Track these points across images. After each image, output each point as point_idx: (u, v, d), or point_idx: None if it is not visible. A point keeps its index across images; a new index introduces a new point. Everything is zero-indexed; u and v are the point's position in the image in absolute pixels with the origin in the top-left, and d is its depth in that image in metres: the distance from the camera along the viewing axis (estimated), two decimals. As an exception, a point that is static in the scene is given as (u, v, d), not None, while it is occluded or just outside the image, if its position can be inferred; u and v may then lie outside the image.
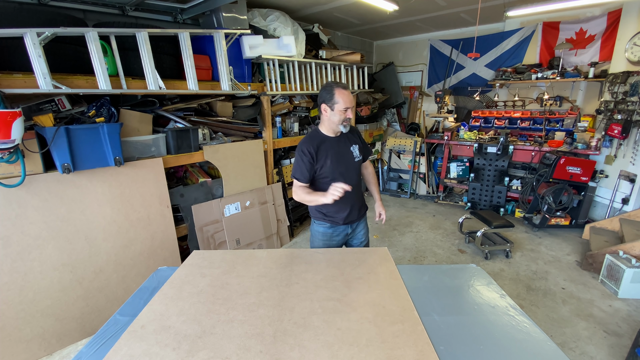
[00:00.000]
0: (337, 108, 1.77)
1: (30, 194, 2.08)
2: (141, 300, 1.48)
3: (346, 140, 1.93)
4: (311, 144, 1.84)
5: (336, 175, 1.88)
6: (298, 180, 1.87)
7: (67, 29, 1.96)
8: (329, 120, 1.83)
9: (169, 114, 2.85)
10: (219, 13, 3.00)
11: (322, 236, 2.03)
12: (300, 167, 1.85)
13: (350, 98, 1.78)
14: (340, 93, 1.75)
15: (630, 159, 3.70)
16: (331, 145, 1.88)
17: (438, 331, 1.25)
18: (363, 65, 4.49)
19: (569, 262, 3.35)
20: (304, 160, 1.83)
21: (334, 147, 1.88)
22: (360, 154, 1.98)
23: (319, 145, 1.85)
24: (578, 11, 4.32)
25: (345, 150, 1.92)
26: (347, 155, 1.93)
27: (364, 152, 2.03)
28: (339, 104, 1.76)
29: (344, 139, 1.93)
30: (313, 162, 1.84)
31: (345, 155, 1.92)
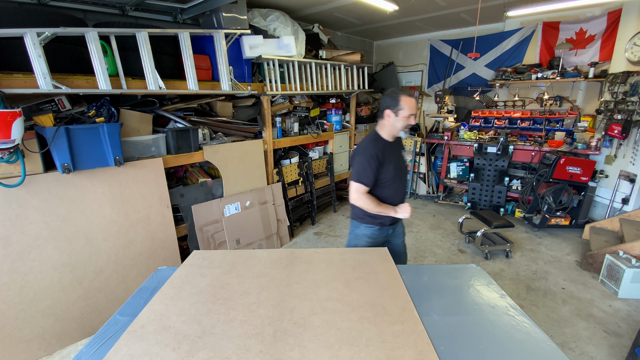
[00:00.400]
0: (402, 114, 1.80)
1: (30, 194, 2.08)
2: (141, 300, 1.48)
3: (398, 146, 1.99)
4: (378, 149, 1.85)
5: (395, 180, 1.93)
6: (365, 185, 1.86)
7: (67, 29, 1.96)
8: (392, 125, 1.85)
9: (169, 114, 2.85)
10: (219, 13, 3.00)
11: (369, 238, 2.04)
12: (367, 171, 1.84)
13: (415, 105, 1.83)
14: (406, 100, 1.78)
15: (630, 159, 3.70)
16: (392, 150, 1.92)
17: (438, 331, 1.25)
18: (363, 65, 4.50)
19: (569, 262, 3.35)
20: (372, 165, 1.83)
21: (395, 152, 1.94)
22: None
23: (383, 150, 1.87)
24: (578, 11, 4.32)
25: (400, 155, 2.00)
26: (402, 160, 2.00)
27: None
28: (404, 110, 1.79)
29: (397, 144, 1.98)
30: (380, 167, 1.85)
31: (400, 160, 1.99)
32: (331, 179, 4.63)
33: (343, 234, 4.02)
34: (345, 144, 4.96)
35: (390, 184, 1.92)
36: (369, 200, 1.88)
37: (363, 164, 1.84)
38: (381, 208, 1.89)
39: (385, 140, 1.91)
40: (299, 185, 4.12)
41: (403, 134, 1.90)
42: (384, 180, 1.89)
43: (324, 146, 4.76)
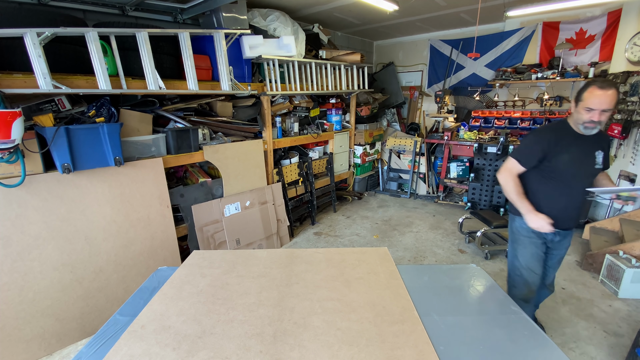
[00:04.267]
0: (581, 105, 1.63)
1: (30, 194, 2.08)
2: (141, 300, 1.48)
3: (594, 143, 1.72)
4: (554, 134, 1.73)
5: (567, 176, 1.73)
6: (519, 162, 1.75)
7: (67, 29, 1.96)
8: (575, 116, 1.69)
9: (169, 114, 2.85)
10: (219, 13, 3.00)
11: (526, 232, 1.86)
12: (529, 151, 1.75)
13: (602, 100, 1.55)
14: (591, 92, 1.58)
15: (630, 159, 3.70)
16: (575, 141, 1.71)
17: (438, 331, 1.25)
18: (363, 65, 4.49)
19: (569, 262, 3.35)
20: (538, 147, 1.73)
21: (578, 145, 1.71)
22: (603, 163, 1.77)
23: (562, 136, 1.72)
24: (578, 11, 4.32)
25: (589, 152, 1.73)
26: (589, 159, 1.73)
27: (605, 162, 1.80)
28: (584, 102, 1.61)
29: (592, 140, 1.71)
30: (546, 152, 1.72)
31: (586, 157, 1.73)
32: (331, 179, 4.63)
33: (343, 234, 4.02)
34: (345, 144, 4.97)
35: (559, 177, 1.73)
36: (510, 181, 1.76)
37: (529, 141, 1.77)
38: (517, 197, 1.72)
39: (572, 129, 1.72)
40: (299, 185, 4.12)
41: (582, 129, 1.66)
42: (551, 169, 1.72)
43: (324, 146, 4.76)
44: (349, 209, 4.88)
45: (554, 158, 1.72)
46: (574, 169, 1.73)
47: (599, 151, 1.74)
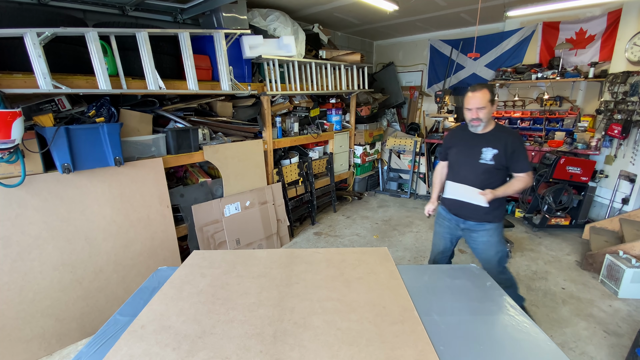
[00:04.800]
0: (464, 108, 1.96)
1: (30, 194, 2.08)
2: (141, 300, 1.48)
3: (485, 141, 1.98)
4: (453, 132, 2.22)
5: (455, 166, 2.13)
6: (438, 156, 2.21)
7: (67, 29, 1.96)
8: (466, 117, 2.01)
9: (169, 114, 2.85)
10: (219, 13, 3.00)
11: (438, 215, 2.32)
12: (441, 147, 2.30)
13: (474, 100, 1.89)
14: (467, 95, 1.93)
15: (630, 159, 3.70)
16: (464, 138, 2.06)
17: (438, 331, 1.25)
18: (363, 65, 4.50)
19: (569, 262, 3.35)
20: (444, 143, 2.26)
21: (467, 141, 2.04)
22: (495, 160, 1.94)
23: (457, 134, 2.15)
24: (578, 11, 4.32)
25: (475, 147, 1.99)
26: (475, 153, 1.99)
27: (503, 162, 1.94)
28: (465, 104, 1.96)
29: (484, 139, 1.98)
30: (447, 147, 2.20)
31: (471, 152, 2.00)
32: (331, 179, 4.63)
33: (343, 234, 4.02)
34: (345, 144, 4.96)
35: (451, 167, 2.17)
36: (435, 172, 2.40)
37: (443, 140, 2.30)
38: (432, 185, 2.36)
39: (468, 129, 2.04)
40: (299, 185, 4.12)
41: (470, 127, 2.00)
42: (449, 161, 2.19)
43: (324, 146, 4.76)
44: (349, 209, 4.88)
45: (449, 151, 2.16)
46: (460, 160, 2.09)
47: (488, 148, 1.97)
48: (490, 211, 1.98)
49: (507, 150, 1.92)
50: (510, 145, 1.92)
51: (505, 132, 1.98)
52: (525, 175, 1.95)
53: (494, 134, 1.97)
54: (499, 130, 1.99)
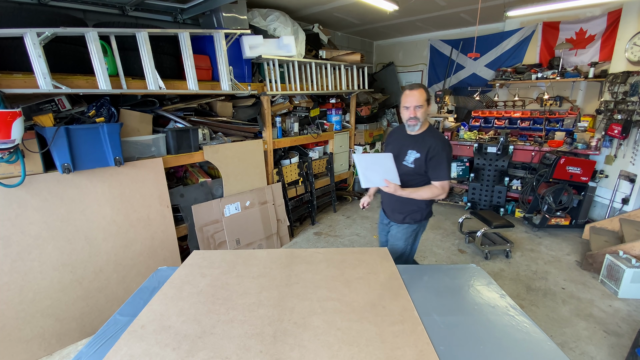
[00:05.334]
0: (401, 107, 1.94)
1: (30, 194, 2.08)
2: (141, 300, 1.48)
3: (412, 143, 1.96)
4: (393, 131, 2.21)
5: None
6: None
7: (67, 29, 1.96)
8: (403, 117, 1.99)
9: (169, 114, 2.85)
10: (219, 13, 3.00)
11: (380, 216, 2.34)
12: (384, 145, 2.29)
13: (412, 98, 1.86)
14: (404, 94, 1.91)
15: (630, 159, 3.70)
16: (398, 139, 2.07)
17: (438, 331, 1.25)
18: (363, 65, 4.49)
19: (569, 262, 3.35)
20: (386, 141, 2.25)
21: (399, 142, 2.05)
22: (415, 164, 1.93)
23: (395, 133, 2.15)
24: (578, 11, 4.32)
25: (404, 149, 1.99)
26: (402, 155, 1.99)
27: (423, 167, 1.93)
28: (401, 103, 1.94)
29: (413, 140, 1.97)
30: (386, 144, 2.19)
31: (400, 153, 2.00)
32: (331, 179, 4.63)
33: (343, 234, 4.02)
34: (345, 144, 4.96)
35: None
36: None
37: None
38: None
39: (404, 129, 2.04)
40: (299, 185, 4.12)
41: (407, 127, 1.97)
42: None
43: (324, 146, 4.76)
44: (349, 209, 4.88)
45: (386, 149, 2.10)
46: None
47: (413, 151, 1.95)
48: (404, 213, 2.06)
49: (429, 155, 1.89)
50: (432, 151, 1.89)
51: (433, 136, 1.94)
52: (438, 185, 1.91)
53: (423, 137, 1.95)
54: (429, 134, 1.95)
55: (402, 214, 2.08)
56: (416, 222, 2.07)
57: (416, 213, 2.05)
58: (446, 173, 1.90)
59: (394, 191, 1.86)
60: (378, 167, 1.89)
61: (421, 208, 2.04)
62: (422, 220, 2.08)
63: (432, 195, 1.92)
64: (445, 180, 1.90)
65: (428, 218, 2.12)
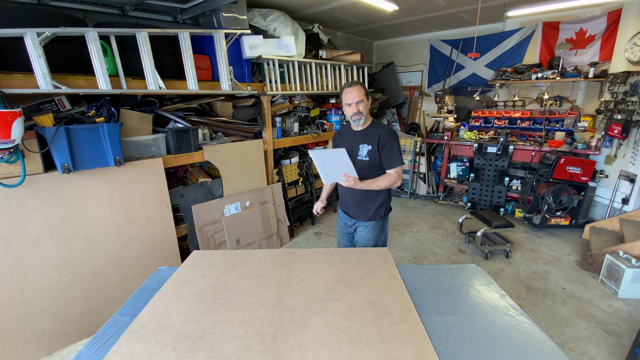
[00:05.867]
0: (344, 104, 1.98)
1: (30, 194, 2.08)
2: (141, 300, 1.48)
3: (362, 137, 2.01)
4: (340, 130, 2.25)
5: None
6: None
7: (67, 29, 1.96)
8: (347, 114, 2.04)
9: (169, 114, 2.85)
10: (219, 13, 3.00)
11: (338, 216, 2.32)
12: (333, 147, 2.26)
13: (352, 94, 1.91)
14: (344, 91, 1.96)
15: (630, 159, 3.70)
16: (347, 136, 2.08)
17: (438, 331, 1.25)
18: (363, 65, 4.50)
19: (569, 262, 3.35)
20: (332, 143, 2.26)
21: (348, 139, 2.07)
22: (369, 156, 1.97)
23: (343, 132, 2.17)
24: (578, 11, 4.32)
25: (355, 145, 2.02)
26: (354, 151, 2.02)
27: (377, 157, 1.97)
28: (343, 101, 1.98)
29: (361, 135, 2.01)
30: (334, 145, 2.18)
31: (352, 150, 2.02)
32: (331, 179, 4.62)
33: (343, 234, 4.01)
34: (345, 144, 4.96)
35: None
36: None
37: None
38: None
39: (350, 127, 2.09)
40: (299, 185, 4.12)
41: (352, 122, 2.02)
42: None
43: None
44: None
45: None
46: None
47: (364, 144, 1.99)
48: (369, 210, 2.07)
49: (380, 145, 1.95)
50: (382, 140, 1.94)
51: (379, 127, 2.00)
52: (393, 172, 1.97)
53: (370, 130, 2.00)
54: (374, 126, 2.02)
55: (368, 211, 2.09)
56: (382, 218, 2.10)
57: (381, 208, 2.08)
58: (399, 159, 1.96)
59: (354, 184, 1.89)
60: (335, 162, 1.94)
61: (385, 202, 2.09)
62: (386, 215, 2.13)
63: (390, 182, 1.97)
64: (398, 166, 1.97)
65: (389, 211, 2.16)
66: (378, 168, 2.01)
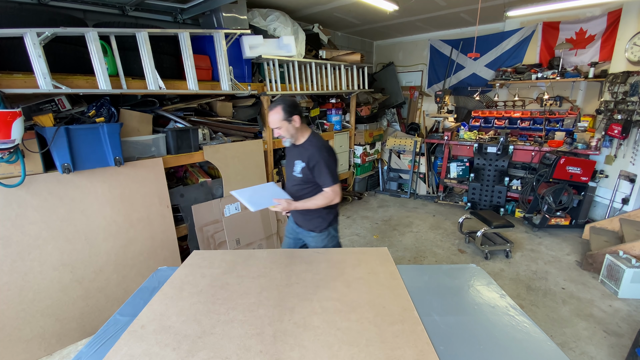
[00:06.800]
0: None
1: (30, 194, 2.08)
2: (141, 300, 1.48)
3: (298, 153, 1.97)
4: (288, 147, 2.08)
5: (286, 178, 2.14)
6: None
7: (67, 29, 1.96)
8: None
9: (169, 114, 2.85)
10: (219, 13, 3.00)
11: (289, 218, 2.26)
12: None
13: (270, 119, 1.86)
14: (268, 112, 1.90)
15: (630, 159, 3.70)
16: (290, 149, 2.04)
17: (438, 331, 1.25)
18: (363, 65, 4.50)
19: (569, 262, 3.35)
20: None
21: (291, 152, 2.05)
22: (302, 173, 1.94)
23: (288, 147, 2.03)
24: (578, 11, 4.32)
25: (292, 160, 2.02)
26: (290, 166, 2.03)
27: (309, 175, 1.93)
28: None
29: (298, 151, 1.97)
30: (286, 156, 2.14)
31: (290, 165, 2.03)
32: (331, 179, 4.62)
33: (343, 234, 4.02)
34: (345, 144, 4.97)
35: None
36: None
37: None
38: None
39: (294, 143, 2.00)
40: (299, 185, 4.11)
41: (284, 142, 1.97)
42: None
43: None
44: (349, 209, 4.88)
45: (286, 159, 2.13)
46: (286, 171, 2.12)
47: (299, 161, 1.95)
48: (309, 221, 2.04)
49: (309, 164, 1.89)
50: (311, 159, 1.88)
51: (311, 145, 1.92)
52: (329, 190, 1.90)
53: (304, 146, 1.94)
54: (308, 143, 1.94)
55: (308, 223, 2.07)
56: (322, 230, 2.05)
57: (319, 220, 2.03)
58: (329, 179, 1.88)
59: (288, 206, 1.89)
60: (264, 192, 1.95)
61: (323, 215, 2.02)
62: (328, 227, 2.06)
63: (326, 201, 1.91)
64: (331, 185, 1.88)
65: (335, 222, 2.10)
66: (313, 185, 1.95)
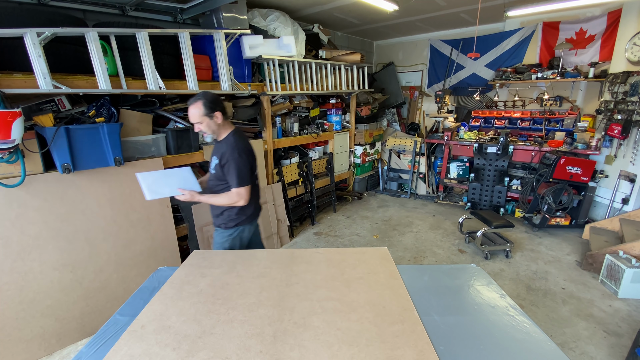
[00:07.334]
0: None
1: (30, 194, 2.08)
2: (141, 300, 1.48)
3: (216, 149, 1.97)
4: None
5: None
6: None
7: (67, 29, 1.96)
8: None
9: (169, 114, 2.85)
10: (219, 13, 3.00)
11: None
12: None
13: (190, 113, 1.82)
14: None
15: (630, 159, 3.70)
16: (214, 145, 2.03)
17: (438, 331, 1.25)
18: (363, 65, 4.50)
19: (569, 262, 3.35)
20: None
21: (214, 148, 2.04)
22: (215, 170, 1.94)
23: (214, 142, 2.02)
24: (578, 11, 4.32)
25: (210, 156, 2.04)
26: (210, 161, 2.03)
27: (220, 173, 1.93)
28: None
29: (217, 146, 1.97)
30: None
31: (211, 160, 2.02)
32: (331, 179, 4.63)
33: (343, 234, 4.02)
34: (345, 144, 4.97)
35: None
36: None
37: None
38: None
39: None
40: (299, 185, 4.12)
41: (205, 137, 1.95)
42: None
43: (324, 146, 4.76)
44: (349, 209, 4.88)
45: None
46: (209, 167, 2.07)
47: (215, 157, 1.95)
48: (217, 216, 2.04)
49: (222, 161, 1.88)
50: (224, 157, 1.87)
51: (227, 143, 1.90)
52: (234, 192, 1.88)
53: (222, 143, 1.93)
54: (225, 140, 1.92)
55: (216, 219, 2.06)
56: (228, 228, 2.03)
57: (224, 218, 2.02)
58: (236, 180, 1.85)
59: (192, 198, 1.88)
60: (171, 180, 1.91)
61: (231, 214, 2.00)
62: (236, 226, 2.03)
63: (229, 201, 1.90)
64: (236, 187, 1.86)
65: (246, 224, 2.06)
66: (226, 182, 1.93)
